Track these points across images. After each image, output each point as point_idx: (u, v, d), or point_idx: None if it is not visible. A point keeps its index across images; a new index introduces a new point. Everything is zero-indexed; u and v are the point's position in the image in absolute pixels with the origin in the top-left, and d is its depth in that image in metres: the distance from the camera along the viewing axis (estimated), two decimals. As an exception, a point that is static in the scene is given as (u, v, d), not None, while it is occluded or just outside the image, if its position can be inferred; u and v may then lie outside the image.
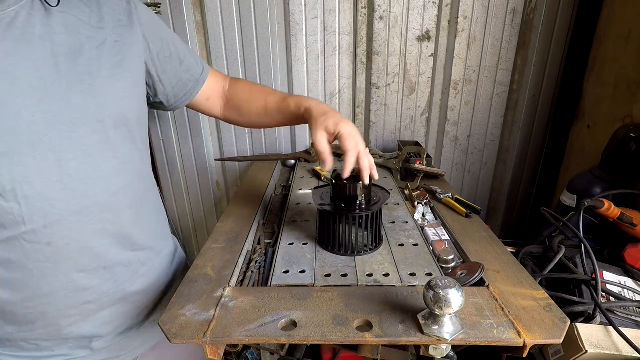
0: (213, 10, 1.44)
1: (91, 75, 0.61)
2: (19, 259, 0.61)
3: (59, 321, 0.69)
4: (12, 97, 0.54)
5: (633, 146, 1.05)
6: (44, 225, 0.60)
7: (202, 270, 0.77)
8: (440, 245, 0.88)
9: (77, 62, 0.60)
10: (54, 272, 0.64)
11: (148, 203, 0.79)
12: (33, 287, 0.64)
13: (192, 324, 0.62)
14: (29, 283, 0.63)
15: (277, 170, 1.42)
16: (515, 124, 1.62)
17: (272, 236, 0.95)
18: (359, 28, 1.48)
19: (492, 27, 1.46)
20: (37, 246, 0.61)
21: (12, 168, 0.55)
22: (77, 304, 0.69)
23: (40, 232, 0.60)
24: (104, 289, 0.71)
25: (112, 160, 0.67)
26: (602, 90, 1.35)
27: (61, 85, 0.58)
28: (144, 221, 0.77)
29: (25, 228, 0.59)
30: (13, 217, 0.57)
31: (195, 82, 0.85)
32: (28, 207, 0.58)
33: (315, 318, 0.63)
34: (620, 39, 1.26)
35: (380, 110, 1.60)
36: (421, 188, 1.21)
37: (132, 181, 0.72)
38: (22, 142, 0.55)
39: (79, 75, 0.60)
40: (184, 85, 0.82)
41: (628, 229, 0.95)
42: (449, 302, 0.54)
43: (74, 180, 0.61)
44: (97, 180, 0.64)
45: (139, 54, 0.70)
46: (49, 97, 0.57)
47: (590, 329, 0.72)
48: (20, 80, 0.55)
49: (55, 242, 0.62)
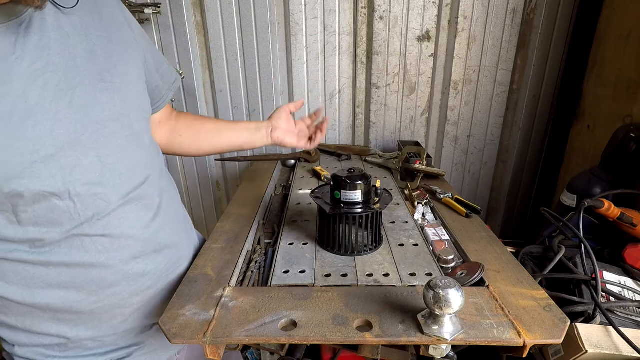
0: (213, 10, 1.44)
1: (109, 72, 0.63)
2: (79, 255, 0.63)
3: (123, 311, 0.72)
4: (47, 102, 0.55)
5: (633, 146, 1.05)
6: (98, 219, 0.63)
7: (202, 270, 0.77)
8: (440, 245, 0.88)
9: (94, 62, 0.62)
10: (114, 262, 0.67)
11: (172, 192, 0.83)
12: (96, 281, 0.66)
13: (192, 324, 0.62)
14: (92, 278, 0.65)
15: (277, 170, 1.42)
16: (515, 124, 1.62)
17: (272, 236, 0.96)
18: (359, 28, 1.48)
19: (492, 27, 1.46)
20: (95, 239, 0.63)
21: (61, 169, 0.58)
22: (138, 291, 0.72)
23: (96, 225, 0.63)
24: (159, 272, 0.75)
25: (140, 151, 0.70)
26: (602, 90, 1.35)
27: (86, 85, 0.60)
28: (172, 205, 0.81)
29: (81, 223, 0.62)
30: (70, 214, 0.60)
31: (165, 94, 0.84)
32: (82, 203, 0.61)
33: (315, 318, 0.63)
34: (620, 39, 1.26)
35: (380, 110, 1.60)
36: (421, 188, 1.21)
37: (156, 169, 0.75)
38: (64, 143, 0.57)
39: (99, 74, 0.62)
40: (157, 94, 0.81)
41: (628, 229, 0.95)
42: (449, 302, 0.55)
43: (114, 174, 0.64)
44: (132, 171, 0.68)
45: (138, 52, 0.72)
46: (78, 98, 0.59)
47: (590, 329, 0.72)
48: (50, 84, 0.56)
49: (110, 233, 0.65)
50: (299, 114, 1.61)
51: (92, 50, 0.62)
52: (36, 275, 0.62)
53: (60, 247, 0.62)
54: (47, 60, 0.56)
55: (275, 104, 1.59)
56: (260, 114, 1.61)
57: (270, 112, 1.59)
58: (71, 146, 0.58)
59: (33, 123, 0.54)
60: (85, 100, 0.60)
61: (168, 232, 0.77)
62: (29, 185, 0.55)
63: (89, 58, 0.61)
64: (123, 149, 0.66)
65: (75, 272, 0.64)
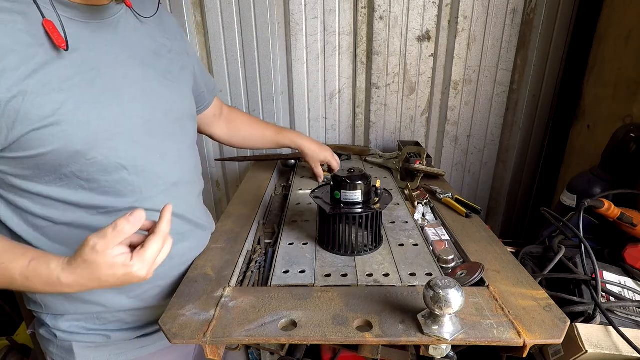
0: (213, 10, 1.44)
1: (171, 73, 0.75)
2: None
3: (161, 283, 0.77)
4: (126, 88, 0.65)
5: (633, 146, 1.05)
6: (155, 194, 0.71)
7: (202, 270, 0.77)
8: (440, 245, 0.88)
9: (160, 63, 0.73)
10: None
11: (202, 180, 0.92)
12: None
13: (192, 324, 0.62)
14: None
15: (277, 170, 1.42)
16: (515, 124, 1.62)
17: (272, 236, 0.95)
18: (359, 28, 1.48)
19: (492, 27, 1.46)
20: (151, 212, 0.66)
21: (132, 146, 0.66)
22: (176, 265, 0.79)
23: (152, 200, 0.70)
24: (193, 249, 0.83)
25: (188, 143, 0.82)
26: (602, 90, 1.35)
27: (154, 79, 0.71)
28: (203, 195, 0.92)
29: (142, 197, 0.69)
30: (133, 188, 0.67)
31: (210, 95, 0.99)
32: (145, 179, 0.69)
33: (315, 318, 0.63)
34: (620, 39, 1.26)
35: (380, 110, 1.60)
36: (421, 188, 1.21)
37: (197, 161, 0.87)
38: (134, 125, 0.66)
39: (163, 74, 0.73)
40: (203, 97, 0.96)
41: (628, 229, 0.95)
42: (449, 302, 0.55)
43: (171, 158, 0.74)
44: (183, 158, 0.79)
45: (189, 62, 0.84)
46: (148, 89, 0.69)
47: (590, 329, 0.72)
48: (129, 74, 0.66)
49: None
50: (300, 115, 1.62)
51: (158, 53, 0.74)
52: None
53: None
54: (128, 55, 0.67)
55: (275, 104, 1.59)
56: (260, 114, 1.61)
57: (271, 112, 1.61)
58: (139, 129, 0.67)
59: (117, 102, 0.63)
60: (153, 92, 0.70)
61: (200, 216, 0.86)
62: (108, 154, 0.63)
63: (157, 59, 0.73)
64: (177, 138, 0.76)
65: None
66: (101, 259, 0.51)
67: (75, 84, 0.58)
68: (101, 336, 0.75)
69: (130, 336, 0.78)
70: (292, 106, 1.61)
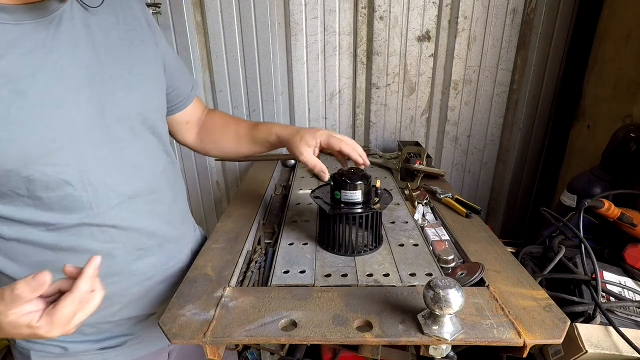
0: (213, 10, 1.44)
1: (129, 71, 0.67)
2: (88, 243, 0.65)
3: (121, 300, 0.73)
4: (70, 95, 0.59)
5: (633, 146, 1.05)
6: (108, 209, 0.65)
7: (202, 270, 0.77)
8: (440, 245, 0.88)
9: (116, 60, 0.65)
10: (119, 253, 0.69)
11: (178, 184, 0.85)
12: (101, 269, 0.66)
13: (192, 324, 0.62)
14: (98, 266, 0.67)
15: (277, 170, 1.42)
16: (515, 124, 1.62)
17: (272, 236, 0.95)
18: (359, 28, 1.48)
19: (492, 27, 1.46)
20: (104, 229, 0.66)
21: (76, 158, 0.60)
22: (137, 282, 0.74)
23: (106, 215, 0.65)
24: (159, 265, 0.77)
25: (153, 147, 0.74)
26: (602, 90, 1.34)
27: (106, 81, 0.64)
28: (179, 201, 0.83)
29: (92, 212, 0.64)
30: (82, 203, 0.63)
31: (186, 96, 0.87)
32: (94, 193, 0.63)
33: (315, 318, 0.63)
34: (620, 38, 1.26)
35: (380, 110, 1.60)
36: (421, 188, 1.21)
37: (167, 165, 0.78)
38: (80, 134, 0.60)
39: (119, 72, 0.65)
40: (177, 96, 0.84)
41: (628, 229, 0.95)
42: (449, 302, 0.55)
43: (127, 167, 0.67)
44: (145, 165, 0.71)
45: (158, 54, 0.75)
46: (98, 93, 0.62)
47: (590, 329, 0.72)
48: (73, 78, 0.59)
49: (119, 224, 0.67)
50: (300, 115, 1.61)
51: (113, 49, 0.65)
52: (46, 259, 0.64)
53: (71, 234, 0.64)
54: (73, 55, 0.59)
55: (275, 104, 1.59)
56: (260, 114, 1.61)
57: (271, 112, 1.61)
58: (87, 138, 0.61)
59: (55, 113, 0.57)
60: (104, 95, 0.63)
61: (173, 227, 0.79)
62: (46, 171, 0.58)
63: (111, 56, 0.65)
64: (137, 144, 0.69)
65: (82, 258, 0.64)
66: (3, 319, 0.47)
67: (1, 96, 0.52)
68: (58, 347, 0.72)
69: (89, 348, 0.74)
70: (292, 106, 1.61)
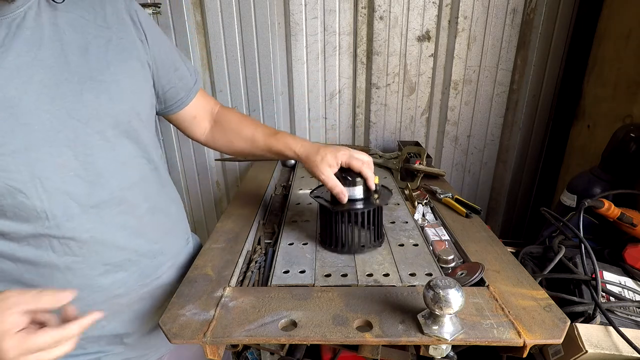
0: (213, 10, 1.44)
1: (101, 72, 0.63)
2: (46, 255, 0.62)
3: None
4: (27, 96, 0.56)
5: (633, 146, 1.05)
6: (67, 219, 0.61)
7: (202, 270, 0.77)
8: (440, 245, 0.88)
9: (87, 60, 0.62)
10: (80, 267, 0.65)
11: (164, 198, 0.80)
12: (61, 284, 0.64)
13: (192, 324, 0.62)
14: (57, 280, 0.63)
15: (277, 170, 1.42)
16: (515, 124, 1.62)
17: (272, 236, 0.95)
18: (359, 28, 1.48)
19: (492, 27, 1.46)
20: (62, 240, 0.62)
21: (30, 164, 0.57)
22: (106, 299, 0.69)
23: (64, 226, 0.61)
24: (131, 282, 0.72)
25: (127, 153, 0.68)
26: (602, 90, 1.34)
27: (73, 82, 0.60)
28: (161, 215, 0.78)
29: (49, 223, 0.60)
30: (36, 212, 0.59)
31: (187, 92, 0.83)
32: (50, 201, 0.59)
33: (315, 318, 0.63)
34: (620, 38, 1.26)
35: (380, 110, 1.60)
36: (421, 188, 1.21)
37: (146, 175, 0.73)
38: (38, 139, 0.57)
39: (90, 72, 0.62)
40: (176, 92, 0.81)
41: (628, 229, 0.95)
42: (449, 302, 0.54)
43: (91, 174, 0.63)
44: (114, 173, 0.66)
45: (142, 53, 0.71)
46: (62, 95, 0.59)
47: (590, 329, 0.72)
48: (34, 79, 0.56)
49: (79, 236, 0.63)
50: (300, 115, 1.61)
51: (86, 48, 0.62)
52: (3, 268, 0.61)
53: (28, 244, 0.61)
54: (34, 55, 0.56)
55: (275, 104, 1.59)
56: (260, 114, 1.61)
57: (271, 112, 1.61)
58: (46, 142, 0.58)
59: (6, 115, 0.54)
60: (69, 97, 0.59)
61: (149, 240, 0.74)
62: None
63: (81, 55, 0.61)
64: (105, 150, 0.64)
65: (41, 271, 0.63)
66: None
67: None
68: None
69: None
70: (292, 106, 1.61)
